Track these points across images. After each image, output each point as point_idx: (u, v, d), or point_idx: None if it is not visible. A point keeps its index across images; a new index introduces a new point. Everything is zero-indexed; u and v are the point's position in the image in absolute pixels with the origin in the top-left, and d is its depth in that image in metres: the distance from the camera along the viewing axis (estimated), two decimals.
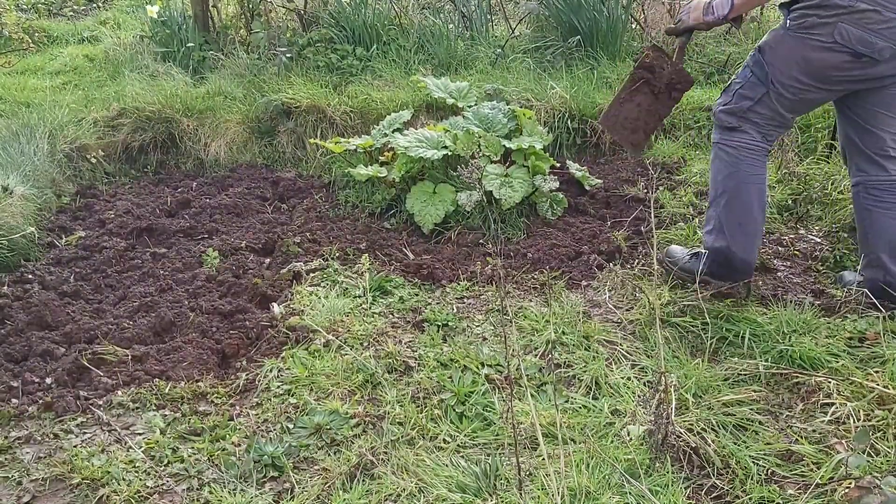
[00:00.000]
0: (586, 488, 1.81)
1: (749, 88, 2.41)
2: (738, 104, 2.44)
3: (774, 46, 2.35)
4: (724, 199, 2.49)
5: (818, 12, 2.22)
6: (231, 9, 5.84)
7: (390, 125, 3.82)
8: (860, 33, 2.18)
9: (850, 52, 2.21)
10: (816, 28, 2.23)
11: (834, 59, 2.25)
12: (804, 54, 2.28)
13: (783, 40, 2.33)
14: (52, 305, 2.76)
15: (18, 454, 2.03)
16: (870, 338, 2.39)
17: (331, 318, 2.61)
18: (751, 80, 2.41)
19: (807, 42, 2.26)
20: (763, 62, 2.37)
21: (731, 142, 2.47)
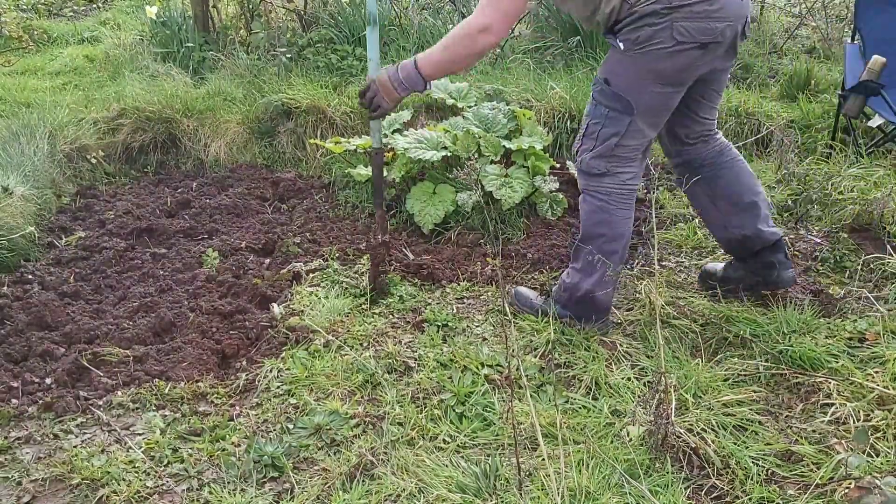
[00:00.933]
0: (586, 488, 1.81)
1: (612, 125, 2.29)
2: (604, 144, 2.32)
3: (621, 73, 2.25)
4: (595, 243, 2.40)
5: (648, 21, 2.14)
6: (231, 9, 5.85)
7: (390, 125, 3.82)
8: (697, 24, 2.13)
9: (696, 45, 2.16)
10: (655, 38, 2.14)
11: (684, 59, 2.19)
12: (653, 67, 2.20)
13: (626, 63, 2.23)
14: (52, 306, 2.76)
15: (18, 454, 2.03)
16: (870, 338, 2.39)
17: (331, 319, 2.61)
18: (610, 115, 2.28)
19: (650, 54, 2.17)
20: (617, 93, 2.26)
21: (602, 188, 2.37)
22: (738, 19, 2.20)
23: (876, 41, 3.82)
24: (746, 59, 5.02)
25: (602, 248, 2.39)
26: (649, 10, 2.13)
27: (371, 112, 2.51)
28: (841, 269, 2.91)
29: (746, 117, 4.22)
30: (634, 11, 2.15)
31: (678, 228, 3.25)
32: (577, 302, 2.50)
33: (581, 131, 2.41)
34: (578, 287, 2.47)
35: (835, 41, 5.38)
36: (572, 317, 2.53)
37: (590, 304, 2.48)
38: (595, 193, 2.40)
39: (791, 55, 5.21)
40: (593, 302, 2.47)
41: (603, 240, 2.40)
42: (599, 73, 2.33)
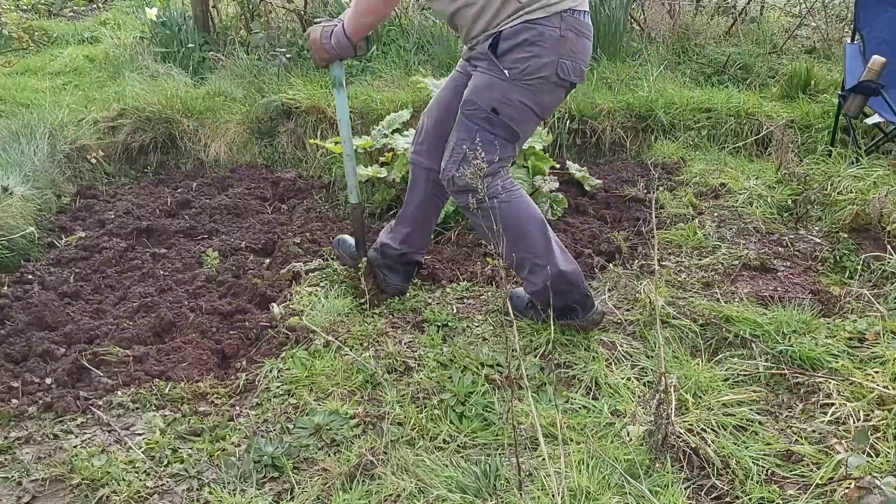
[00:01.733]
0: (586, 488, 1.81)
1: (495, 151, 2.27)
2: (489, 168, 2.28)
3: (507, 101, 2.21)
4: (524, 237, 2.35)
5: (537, 51, 2.13)
6: (231, 9, 5.85)
7: (390, 125, 3.82)
8: (572, 65, 2.19)
9: (569, 84, 2.23)
10: (542, 70, 2.15)
11: (559, 95, 2.26)
12: (537, 99, 2.22)
13: (513, 92, 2.19)
14: (52, 306, 2.76)
15: (18, 454, 2.03)
16: (870, 338, 2.39)
17: (331, 319, 2.61)
18: (496, 142, 2.26)
19: (536, 86, 2.18)
20: (504, 123, 2.23)
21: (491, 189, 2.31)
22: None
23: (876, 41, 3.83)
24: (746, 59, 5.03)
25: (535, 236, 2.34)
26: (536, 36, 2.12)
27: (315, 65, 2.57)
28: (841, 269, 2.91)
29: (746, 117, 4.22)
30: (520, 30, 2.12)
31: (678, 228, 3.25)
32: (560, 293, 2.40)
33: (457, 154, 2.31)
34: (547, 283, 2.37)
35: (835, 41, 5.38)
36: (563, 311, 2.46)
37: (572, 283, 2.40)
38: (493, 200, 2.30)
39: (791, 55, 5.21)
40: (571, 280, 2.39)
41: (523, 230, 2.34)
42: (480, 100, 2.23)
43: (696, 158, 4.00)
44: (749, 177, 3.68)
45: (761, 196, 3.46)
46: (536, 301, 2.50)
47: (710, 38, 5.40)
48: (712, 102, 4.33)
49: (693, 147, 4.15)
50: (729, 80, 4.81)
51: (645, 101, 4.33)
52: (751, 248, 3.08)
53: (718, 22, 5.65)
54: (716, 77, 4.88)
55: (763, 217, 3.32)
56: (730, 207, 3.42)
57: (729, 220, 3.33)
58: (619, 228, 3.36)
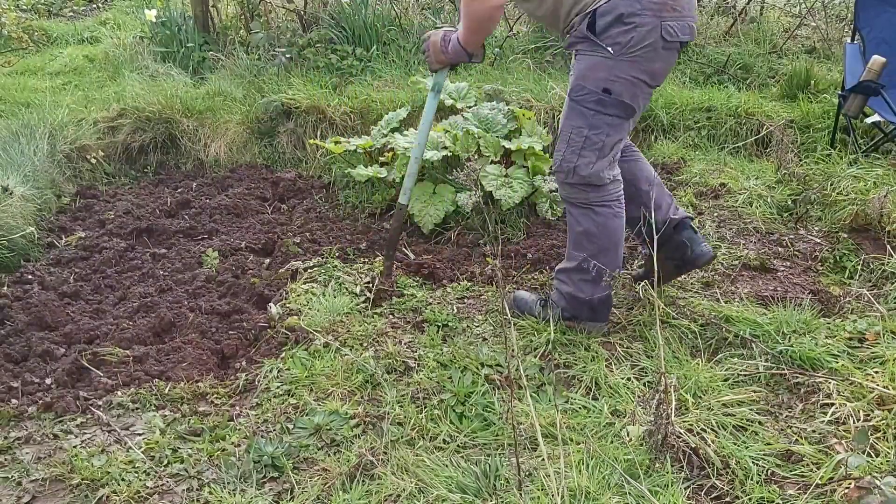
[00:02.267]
0: (586, 489, 1.81)
1: (616, 132, 2.26)
2: (611, 152, 2.29)
3: (617, 78, 2.18)
4: (605, 253, 2.37)
5: (638, 21, 2.10)
6: (231, 9, 5.85)
7: (388, 124, 3.83)
8: (680, 24, 2.15)
9: (679, 43, 2.19)
10: (646, 38, 2.11)
11: (670, 57, 2.22)
12: (648, 68, 2.18)
13: (622, 68, 2.17)
14: (52, 306, 2.76)
15: (18, 454, 2.03)
16: (870, 338, 2.39)
17: (330, 319, 2.61)
18: (613, 123, 2.24)
19: (645, 56, 2.15)
20: (619, 101, 2.21)
21: (611, 195, 2.34)
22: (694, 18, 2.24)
23: (876, 41, 3.83)
24: (746, 60, 5.02)
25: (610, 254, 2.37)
26: (632, 6, 2.09)
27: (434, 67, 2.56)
28: (841, 269, 2.91)
29: (746, 117, 4.22)
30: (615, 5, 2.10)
31: None
32: (584, 307, 2.47)
33: (576, 145, 2.28)
34: (598, 297, 2.44)
35: (835, 41, 5.37)
36: (576, 318, 2.51)
37: (596, 308, 2.47)
38: (604, 203, 2.33)
39: (791, 55, 5.21)
40: (602, 305, 2.46)
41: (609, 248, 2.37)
42: (589, 83, 2.21)
43: (696, 158, 4.00)
44: (749, 177, 3.68)
45: (761, 196, 3.46)
46: (568, 304, 2.48)
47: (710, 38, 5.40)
48: (712, 102, 4.32)
49: (693, 147, 4.15)
50: (729, 80, 4.81)
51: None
52: (751, 248, 3.08)
53: (718, 22, 5.64)
54: (716, 77, 4.87)
55: (763, 217, 3.32)
56: (730, 207, 3.42)
57: (729, 220, 3.33)
58: None
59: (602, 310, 2.48)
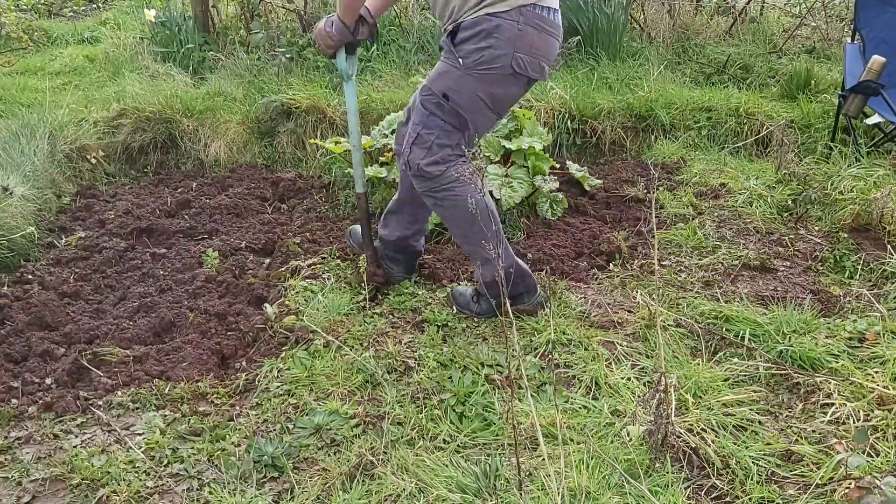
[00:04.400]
0: (586, 488, 1.81)
1: (446, 137, 2.33)
2: (439, 154, 2.34)
3: (459, 89, 2.26)
4: (475, 229, 2.41)
5: (492, 42, 2.16)
6: (231, 9, 5.85)
7: (390, 125, 3.82)
8: (531, 60, 2.19)
9: (526, 79, 2.24)
10: (496, 62, 2.18)
11: (514, 89, 2.26)
12: (490, 91, 2.24)
13: (465, 81, 2.24)
14: (52, 306, 2.76)
15: (18, 454, 2.03)
16: (870, 338, 2.39)
17: (330, 318, 2.61)
18: (445, 128, 2.32)
19: (489, 77, 2.21)
20: (454, 109, 2.28)
21: (444, 180, 2.38)
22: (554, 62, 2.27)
23: (876, 41, 3.83)
24: (746, 60, 5.03)
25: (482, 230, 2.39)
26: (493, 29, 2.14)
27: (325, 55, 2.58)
28: (841, 269, 2.91)
29: (746, 117, 4.22)
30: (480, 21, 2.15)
31: (678, 228, 3.25)
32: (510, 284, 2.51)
33: (411, 136, 2.38)
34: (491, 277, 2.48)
35: (835, 41, 5.38)
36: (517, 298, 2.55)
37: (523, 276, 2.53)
38: (442, 188, 2.39)
39: (791, 55, 5.21)
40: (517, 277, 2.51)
41: (475, 223, 2.39)
42: (435, 86, 2.30)
43: (696, 158, 4.00)
44: (749, 177, 3.68)
45: (761, 196, 3.46)
46: (488, 293, 2.53)
47: (710, 38, 5.40)
48: (712, 102, 4.33)
49: (693, 147, 4.15)
50: (729, 80, 4.81)
51: (645, 101, 4.33)
52: (751, 248, 3.08)
53: (718, 22, 5.65)
54: (716, 77, 4.87)
55: (763, 217, 3.32)
56: (730, 207, 3.42)
57: (729, 220, 3.33)
58: (619, 228, 3.36)
59: (520, 282, 2.52)
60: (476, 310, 2.64)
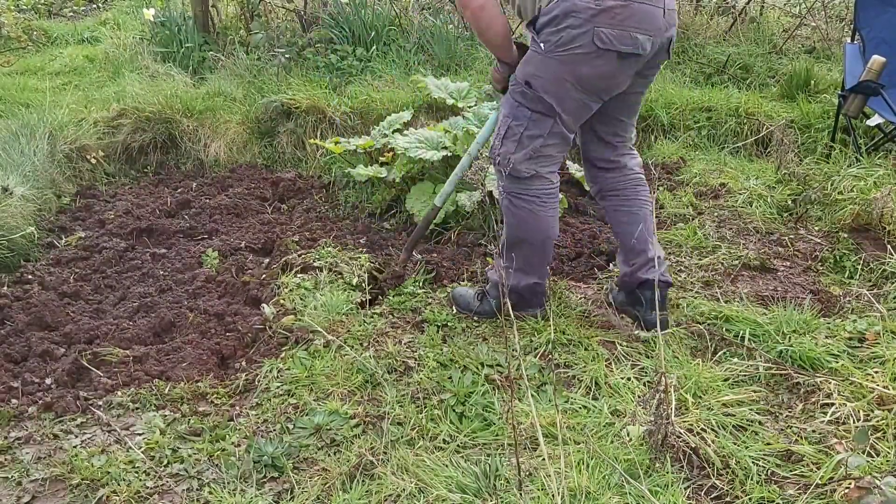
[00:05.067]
0: (586, 489, 1.81)
1: (536, 127, 2.29)
2: (530, 146, 2.31)
3: (541, 75, 2.23)
4: (527, 244, 2.45)
5: (570, 23, 2.12)
6: (231, 9, 5.85)
7: (390, 126, 3.82)
8: (618, 32, 2.12)
9: (616, 53, 2.15)
10: (576, 41, 2.13)
11: (603, 66, 2.17)
12: (574, 70, 2.19)
13: (547, 65, 2.21)
14: (52, 306, 2.76)
15: (18, 454, 2.03)
16: (869, 338, 2.39)
17: (329, 318, 2.61)
18: (532, 117, 2.29)
19: (571, 58, 2.16)
20: (538, 95, 2.25)
21: (530, 191, 2.38)
22: (659, 34, 2.19)
23: (876, 41, 3.83)
24: (746, 60, 5.03)
25: (536, 247, 2.45)
26: (575, 9, 2.11)
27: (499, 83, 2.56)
28: (841, 269, 2.91)
29: (746, 117, 4.22)
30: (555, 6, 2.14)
31: (678, 228, 3.25)
32: (521, 298, 2.55)
33: (501, 132, 2.37)
34: (523, 286, 2.53)
35: (835, 41, 5.38)
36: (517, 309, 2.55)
37: (536, 294, 2.56)
38: (523, 196, 2.39)
39: (791, 55, 5.21)
40: (538, 292, 2.55)
41: (537, 240, 2.45)
42: (519, 75, 2.30)
43: (696, 158, 4.00)
44: (749, 177, 3.68)
45: (761, 196, 3.46)
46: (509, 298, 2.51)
47: (710, 38, 5.40)
48: (712, 102, 4.33)
49: (693, 147, 4.15)
50: (729, 80, 4.81)
51: (645, 101, 4.32)
52: (751, 248, 3.08)
53: (718, 22, 5.65)
54: (716, 77, 4.87)
55: (763, 217, 3.32)
56: (730, 207, 3.42)
57: (729, 220, 3.33)
58: None
59: (531, 297, 2.56)
60: (477, 309, 2.63)
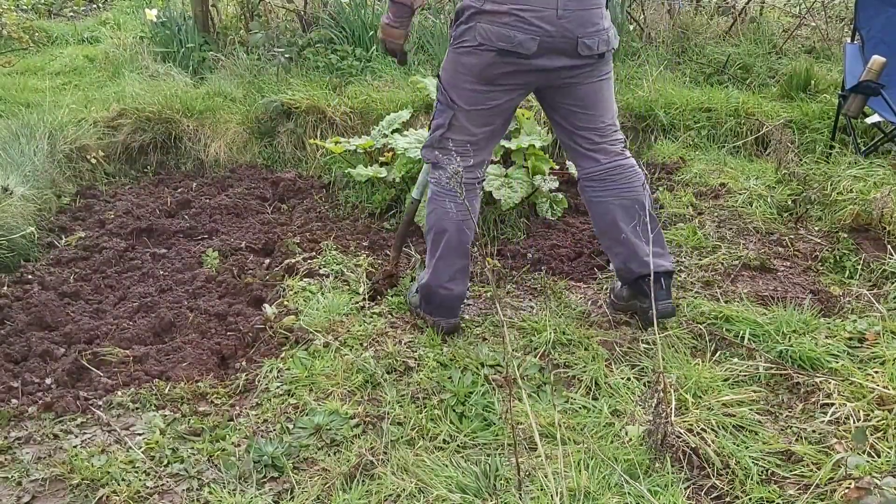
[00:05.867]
0: (586, 489, 1.81)
1: (439, 116, 2.40)
2: (433, 135, 2.43)
3: (446, 67, 2.37)
4: (430, 235, 2.49)
5: (462, 19, 2.28)
6: (231, 9, 5.85)
7: (389, 125, 3.82)
8: (496, 30, 2.21)
9: (494, 50, 2.24)
10: (465, 35, 2.28)
11: (484, 58, 2.26)
12: (463, 62, 2.30)
13: (449, 58, 2.36)
14: (52, 306, 2.76)
15: (18, 454, 2.03)
16: (869, 338, 2.39)
17: (329, 318, 2.61)
18: (439, 108, 2.41)
19: (461, 50, 2.30)
20: (442, 87, 2.38)
21: (434, 178, 2.47)
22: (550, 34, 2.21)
23: (876, 41, 3.83)
24: (746, 60, 5.03)
25: (437, 241, 2.46)
26: (465, 6, 2.26)
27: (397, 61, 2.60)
28: (841, 269, 2.91)
29: (746, 117, 4.22)
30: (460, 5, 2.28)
31: (678, 228, 3.25)
32: (422, 298, 2.57)
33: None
34: (421, 284, 2.56)
35: (835, 41, 5.37)
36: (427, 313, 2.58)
37: (431, 300, 2.54)
38: (434, 183, 2.48)
39: (791, 55, 5.21)
40: (431, 298, 2.53)
41: (434, 232, 2.46)
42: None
43: (696, 158, 4.00)
44: (749, 177, 3.68)
45: (761, 196, 3.46)
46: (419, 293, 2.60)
47: (710, 38, 5.40)
48: (712, 102, 4.32)
49: (693, 147, 4.15)
50: (729, 80, 4.81)
51: (645, 101, 4.33)
52: (751, 248, 3.08)
53: (718, 22, 5.64)
54: (716, 77, 4.87)
55: (763, 217, 3.32)
56: (730, 207, 3.42)
57: (729, 220, 3.33)
58: None
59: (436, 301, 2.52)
60: (414, 300, 2.66)
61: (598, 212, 2.53)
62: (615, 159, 2.48)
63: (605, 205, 2.49)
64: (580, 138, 2.47)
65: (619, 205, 2.46)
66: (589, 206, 2.58)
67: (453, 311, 2.53)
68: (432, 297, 2.52)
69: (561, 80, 2.35)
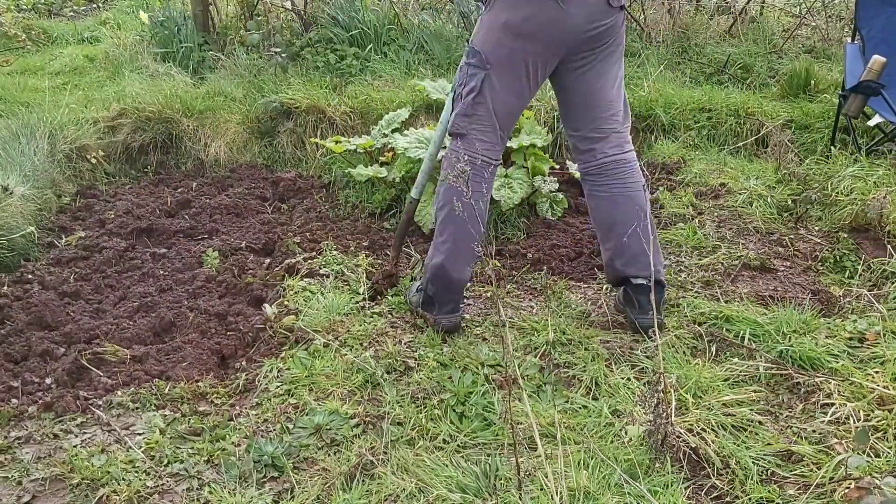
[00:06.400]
0: (586, 489, 1.81)
1: (470, 80, 2.37)
2: (465, 100, 2.39)
3: (479, 31, 2.38)
4: (443, 212, 2.43)
5: None
6: (231, 9, 5.85)
7: (389, 124, 3.82)
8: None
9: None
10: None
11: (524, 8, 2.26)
12: (498, 19, 2.30)
13: (483, 23, 2.38)
14: (52, 305, 2.76)
15: (18, 454, 2.03)
16: (870, 338, 2.39)
17: (330, 319, 2.61)
18: (470, 71, 2.38)
19: (496, 8, 2.31)
20: (473, 48, 2.37)
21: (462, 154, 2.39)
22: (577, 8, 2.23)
23: (876, 41, 3.83)
24: (746, 60, 5.03)
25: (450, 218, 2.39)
26: None
27: None
28: (841, 269, 2.91)
29: (746, 117, 4.22)
30: None
31: (678, 228, 3.25)
32: (430, 280, 2.50)
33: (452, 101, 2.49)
34: (431, 262, 2.49)
35: (835, 41, 5.38)
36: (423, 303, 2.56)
37: (441, 286, 2.48)
38: (451, 152, 2.44)
39: (791, 55, 5.21)
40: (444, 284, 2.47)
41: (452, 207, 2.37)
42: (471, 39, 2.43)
43: (696, 158, 4.00)
44: (749, 177, 3.68)
45: (761, 196, 3.46)
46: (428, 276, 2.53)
47: (710, 37, 5.40)
48: (712, 102, 4.32)
49: (693, 147, 4.15)
50: (729, 80, 4.81)
51: (645, 101, 4.33)
52: (751, 247, 3.08)
53: (718, 22, 5.65)
54: (716, 77, 4.87)
55: (763, 217, 3.32)
56: (730, 207, 3.42)
57: (729, 220, 3.33)
58: None
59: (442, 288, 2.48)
60: (414, 300, 2.63)
61: (595, 204, 2.54)
62: (617, 154, 2.48)
63: (602, 198, 2.49)
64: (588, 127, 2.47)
65: (617, 199, 2.46)
66: (588, 199, 2.57)
67: (456, 297, 2.50)
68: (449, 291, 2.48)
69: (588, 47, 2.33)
